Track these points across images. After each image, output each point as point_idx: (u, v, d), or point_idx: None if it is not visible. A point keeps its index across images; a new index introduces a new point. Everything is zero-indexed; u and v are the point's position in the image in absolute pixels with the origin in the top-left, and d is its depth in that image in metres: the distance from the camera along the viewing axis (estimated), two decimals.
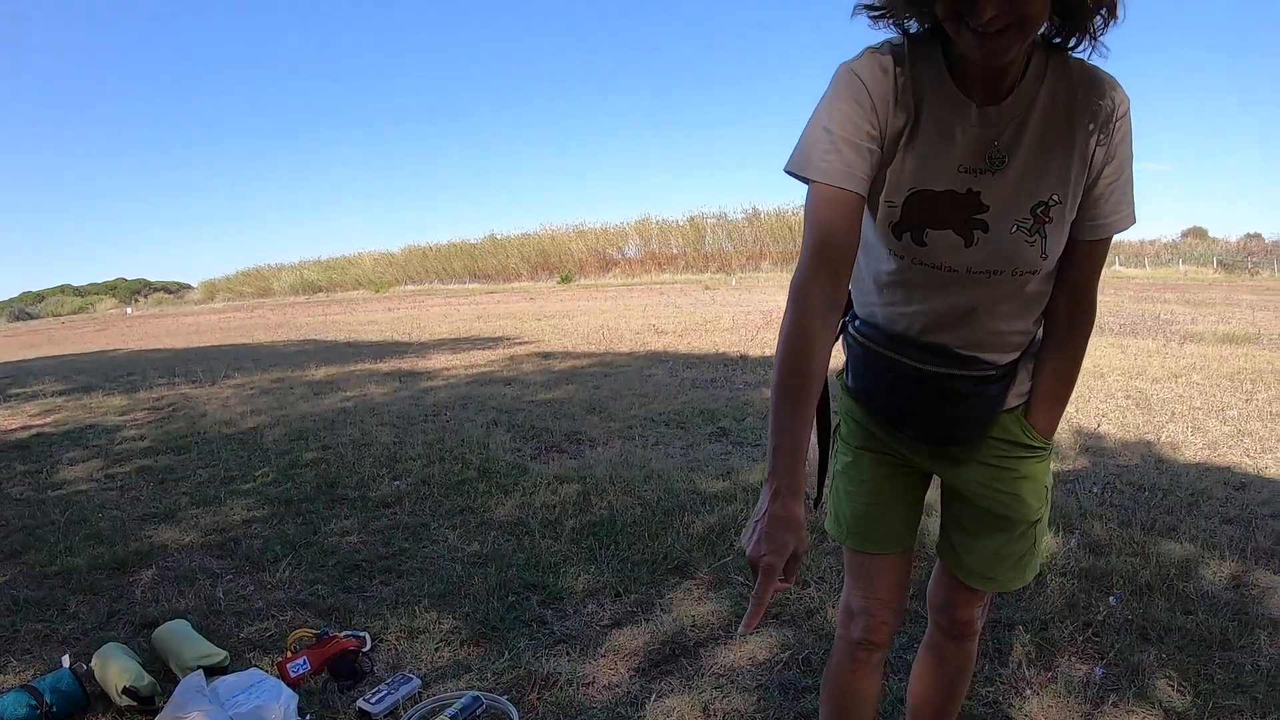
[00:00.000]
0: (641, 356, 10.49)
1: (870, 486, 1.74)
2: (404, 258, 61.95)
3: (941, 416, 1.60)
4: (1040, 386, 1.63)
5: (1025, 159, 1.39)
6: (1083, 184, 1.42)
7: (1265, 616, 3.00)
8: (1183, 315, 15.62)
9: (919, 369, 1.55)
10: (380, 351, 13.02)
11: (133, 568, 3.76)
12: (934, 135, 1.39)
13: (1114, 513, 4.05)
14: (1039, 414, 1.64)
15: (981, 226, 1.41)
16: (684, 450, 5.48)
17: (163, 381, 10.53)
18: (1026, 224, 1.41)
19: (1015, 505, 1.67)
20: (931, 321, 1.53)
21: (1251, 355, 9.63)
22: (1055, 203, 1.40)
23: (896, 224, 1.45)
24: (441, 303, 32.47)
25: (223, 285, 70.04)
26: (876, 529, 1.74)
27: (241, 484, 5.05)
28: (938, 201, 1.41)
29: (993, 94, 1.36)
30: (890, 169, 1.42)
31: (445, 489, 4.68)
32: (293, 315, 30.31)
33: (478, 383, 8.85)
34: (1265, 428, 5.94)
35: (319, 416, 7.15)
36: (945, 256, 1.45)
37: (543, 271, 54.41)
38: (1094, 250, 1.50)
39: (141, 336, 23.46)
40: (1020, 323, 1.55)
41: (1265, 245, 55.35)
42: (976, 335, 1.53)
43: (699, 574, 3.43)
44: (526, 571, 3.48)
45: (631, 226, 55.56)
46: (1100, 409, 6.64)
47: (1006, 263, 1.44)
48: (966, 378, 1.55)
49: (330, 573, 3.57)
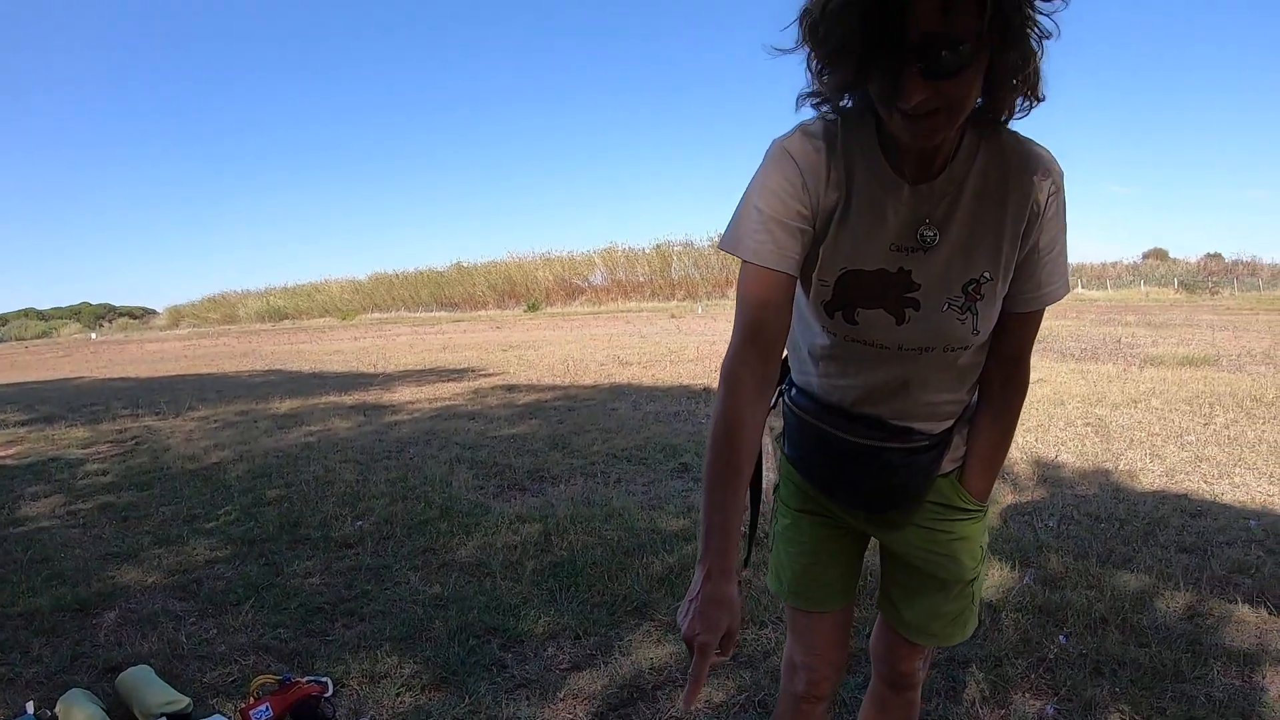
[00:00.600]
0: (605, 389, 10.54)
1: (809, 547, 1.77)
2: (371, 285, 61.82)
3: (875, 487, 1.63)
4: (975, 452, 1.65)
5: (957, 237, 1.40)
6: (1014, 261, 1.42)
7: (1219, 647, 3.05)
8: (1143, 338, 15.88)
9: (852, 442, 1.58)
10: (345, 383, 13.00)
11: (96, 609, 3.78)
12: (866, 214, 1.39)
13: (1070, 544, 4.11)
14: (973, 478, 1.66)
15: (913, 305, 1.43)
16: (645, 487, 5.53)
17: (126, 413, 10.50)
18: (958, 302, 1.42)
19: (951, 566, 1.70)
20: (865, 394, 1.55)
21: (1210, 378, 9.80)
22: (986, 280, 1.42)
23: (829, 302, 1.46)
24: (408, 332, 32.40)
25: (188, 311, 69.61)
26: (816, 588, 1.78)
27: (204, 522, 5.06)
28: (869, 280, 1.43)
29: (924, 172, 1.36)
30: (823, 246, 1.42)
31: (407, 529, 4.71)
32: (258, 344, 30.14)
33: (442, 417, 8.87)
34: (1222, 452, 6.05)
35: (282, 452, 7.16)
36: (877, 334, 1.46)
37: (510, 300, 54.42)
38: (1026, 322, 1.51)
39: (106, 364, 23.28)
40: (953, 394, 1.58)
41: (1225, 264, 56.23)
42: (910, 407, 1.55)
43: (658, 615, 3.47)
44: (487, 614, 3.52)
45: (598, 255, 55.80)
46: (1059, 437, 6.74)
47: (938, 339, 1.45)
48: (899, 449, 1.58)
49: (293, 615, 3.60)
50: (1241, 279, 51.80)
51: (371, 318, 54.07)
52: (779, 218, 1.37)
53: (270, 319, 60.53)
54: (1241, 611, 3.34)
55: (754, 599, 3.43)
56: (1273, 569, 3.75)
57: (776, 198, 1.37)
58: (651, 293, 51.70)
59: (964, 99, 1.21)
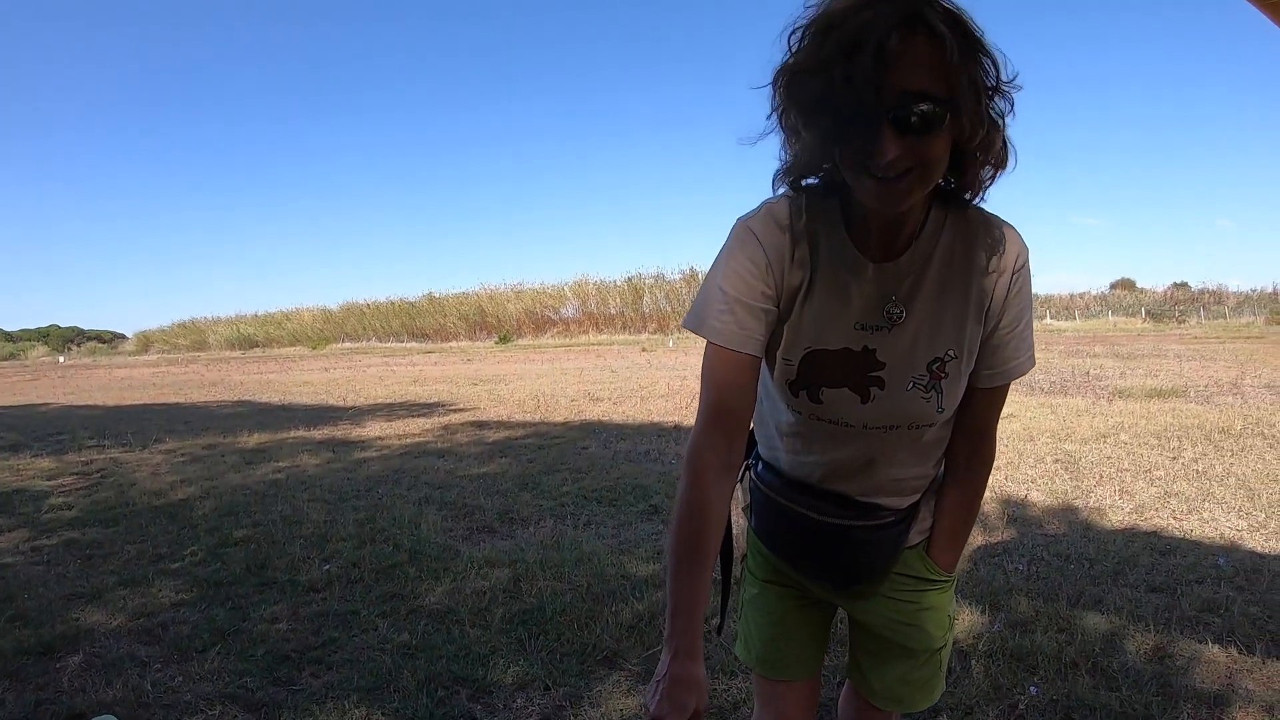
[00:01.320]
0: (576, 427, 10.52)
1: (776, 617, 1.79)
2: (342, 314, 61.49)
3: (841, 562, 1.65)
4: (941, 524, 1.67)
5: (922, 316, 1.42)
6: (978, 339, 1.44)
7: (1189, 688, 3.08)
8: (1112, 369, 16.06)
9: (818, 520, 1.60)
10: (315, 417, 12.92)
11: (60, 652, 3.74)
12: (830, 293, 1.42)
13: (1040, 586, 4.14)
14: (940, 550, 1.68)
15: (878, 384, 1.45)
16: (615, 530, 5.53)
17: (92, 443, 10.42)
18: (923, 380, 1.44)
19: (919, 636, 1.72)
20: (830, 471, 1.57)
21: (1179, 410, 9.91)
22: (951, 358, 1.44)
23: (793, 381, 1.48)
24: (379, 363, 32.24)
25: (157, 337, 69.05)
26: (784, 657, 1.79)
27: (170, 563, 5.02)
28: (834, 360, 1.45)
29: (889, 249, 1.38)
30: (788, 325, 1.44)
31: (376, 573, 4.68)
32: (228, 372, 29.91)
33: (411, 454, 8.84)
34: (1191, 487, 6.12)
35: (250, 489, 7.11)
36: (842, 412, 1.49)
37: (481, 331, 54.29)
38: (992, 396, 1.53)
39: (73, 390, 23.08)
40: (919, 469, 1.59)
41: (1192, 293, 56.87)
42: (876, 483, 1.57)
43: (628, 665, 3.47)
44: (456, 663, 3.50)
45: (569, 287, 55.73)
46: (1029, 474, 6.79)
47: (903, 418, 1.47)
48: (865, 526, 1.59)
49: (259, 663, 3.57)
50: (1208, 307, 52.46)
51: (342, 347, 53.76)
52: (742, 299, 1.40)
53: (240, 346, 60.11)
54: (1211, 652, 3.38)
55: (723, 648, 3.44)
56: (1242, 607, 3.80)
57: (740, 278, 1.40)
58: (623, 325, 51.68)
59: (935, 160, 1.23)
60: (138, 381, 26.04)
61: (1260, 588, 4.06)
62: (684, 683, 1.31)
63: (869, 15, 1.14)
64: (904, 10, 1.15)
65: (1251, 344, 23.88)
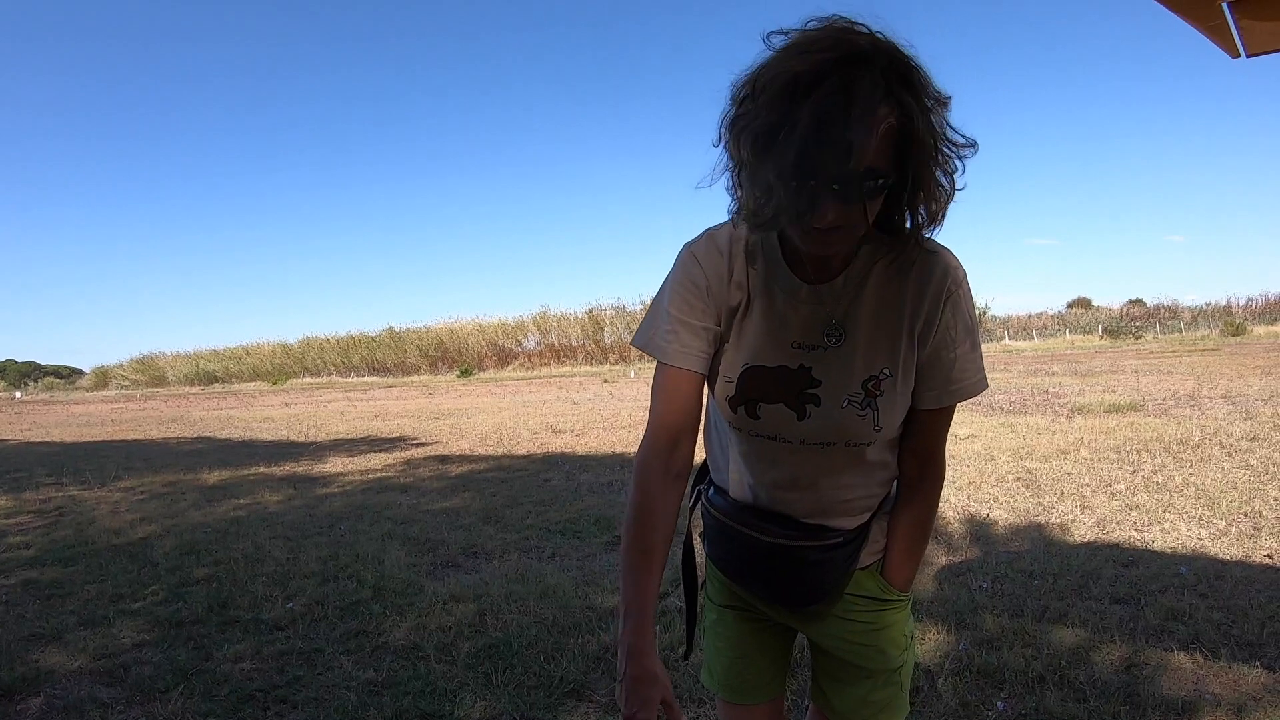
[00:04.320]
0: (539, 459, 10.53)
1: (735, 642, 1.82)
2: (301, 349, 61.20)
3: (792, 583, 1.66)
4: (895, 544, 1.68)
5: (858, 336, 1.46)
6: (915, 358, 1.48)
7: (1156, 697, 3.12)
8: (1070, 387, 16.30)
9: (766, 542, 1.62)
10: (276, 453, 12.82)
11: (20, 695, 3.69)
12: (768, 313, 1.49)
13: (1005, 603, 4.18)
14: (894, 570, 1.69)
15: (813, 400, 1.49)
16: (580, 562, 5.53)
17: (50, 481, 10.31)
18: (857, 398, 1.48)
19: (876, 656, 1.73)
20: (775, 490, 1.61)
21: (1137, 424, 10.09)
22: (886, 376, 1.48)
23: (732, 397, 1.54)
24: (340, 398, 32.09)
25: (115, 372, 68.40)
26: (745, 681, 1.82)
27: (131, 603, 4.96)
28: (770, 376, 1.51)
29: (824, 272, 1.44)
30: (729, 344, 1.53)
31: (340, 610, 4.65)
32: (187, 408, 29.67)
33: (374, 490, 8.80)
34: (1151, 499, 6.23)
35: (211, 527, 7.04)
36: (779, 429, 1.53)
37: (442, 365, 54.21)
38: (936, 418, 1.56)
39: (30, 426, 22.83)
40: (864, 489, 1.61)
41: (1147, 309, 57.97)
42: (822, 503, 1.60)
43: (595, 696, 3.47)
44: (423, 699, 3.49)
45: (530, 319, 55.82)
46: (991, 494, 6.86)
47: (839, 435, 1.51)
48: (814, 547, 1.61)
49: (223, 703, 3.54)
50: (1163, 322, 53.55)
51: (303, 382, 53.53)
52: (685, 319, 1.50)
53: (199, 382, 59.67)
54: (1178, 659, 3.45)
55: (690, 675, 3.45)
56: (1206, 614, 3.87)
57: (683, 299, 1.50)
58: (585, 356, 51.85)
59: (865, 221, 1.27)
60: (96, 418, 25.77)
61: (1223, 594, 4.14)
62: (643, 680, 1.39)
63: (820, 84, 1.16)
64: (854, 77, 1.16)
65: (1207, 356, 24.36)
